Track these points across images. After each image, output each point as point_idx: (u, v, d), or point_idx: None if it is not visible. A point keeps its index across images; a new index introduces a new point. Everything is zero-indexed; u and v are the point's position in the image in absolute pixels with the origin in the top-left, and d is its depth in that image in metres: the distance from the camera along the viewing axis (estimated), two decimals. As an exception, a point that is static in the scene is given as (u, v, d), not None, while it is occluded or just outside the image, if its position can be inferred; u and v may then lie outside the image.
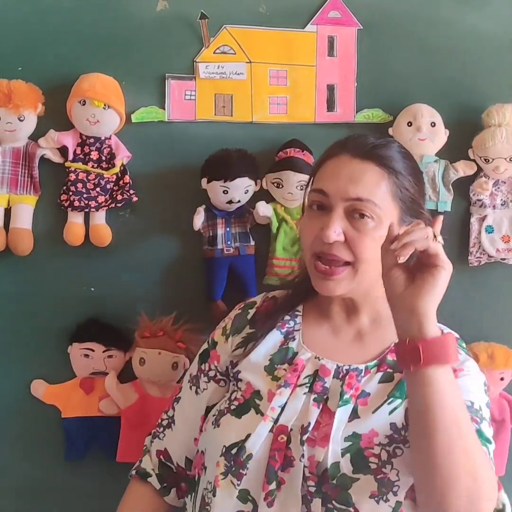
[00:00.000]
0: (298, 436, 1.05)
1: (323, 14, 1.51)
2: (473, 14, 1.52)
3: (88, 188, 1.48)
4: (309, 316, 1.19)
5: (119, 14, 1.50)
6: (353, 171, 1.08)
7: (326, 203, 1.09)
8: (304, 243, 1.13)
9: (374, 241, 1.05)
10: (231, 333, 1.20)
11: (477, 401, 1.08)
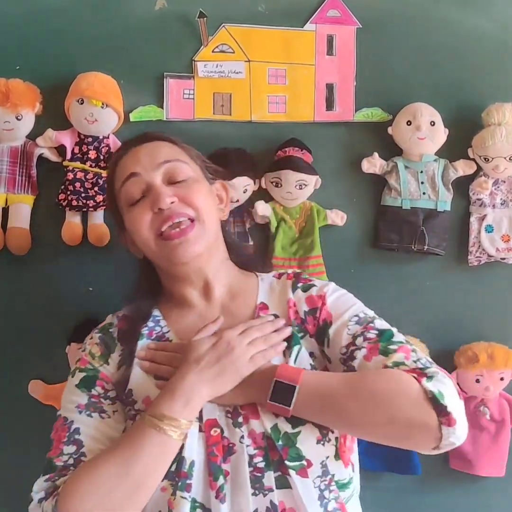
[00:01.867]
0: (229, 421, 1.05)
1: (322, 13, 1.50)
2: (473, 13, 1.52)
3: (86, 187, 1.47)
4: (170, 315, 1.20)
5: (118, 13, 1.50)
6: (148, 149, 1.17)
7: (143, 184, 1.14)
8: (141, 233, 1.13)
9: (202, 193, 1.16)
10: (106, 353, 1.15)
11: (358, 309, 1.15)
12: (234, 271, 1.23)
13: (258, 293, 1.19)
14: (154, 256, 1.16)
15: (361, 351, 1.06)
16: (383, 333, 1.08)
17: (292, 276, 1.21)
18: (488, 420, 1.49)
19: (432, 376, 1.00)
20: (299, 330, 1.13)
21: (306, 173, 1.47)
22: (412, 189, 1.50)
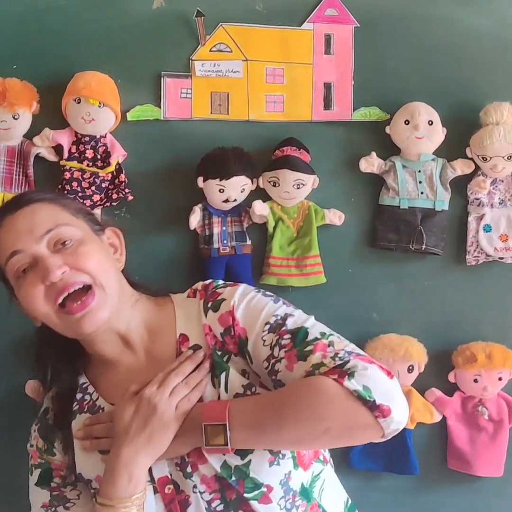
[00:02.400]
0: (180, 473, 1.04)
1: (319, 12, 1.50)
2: (471, 12, 1.52)
3: (83, 187, 1.47)
4: (98, 378, 1.15)
5: (115, 12, 1.49)
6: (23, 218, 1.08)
7: (28, 258, 1.05)
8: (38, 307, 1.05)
9: (93, 255, 1.07)
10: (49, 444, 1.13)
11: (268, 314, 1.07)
12: (148, 308, 1.16)
13: (176, 324, 1.13)
14: (58, 328, 1.09)
15: (281, 363, 1.02)
16: (296, 335, 1.03)
17: (203, 294, 1.13)
18: (486, 420, 1.49)
19: (353, 372, 0.96)
20: (223, 354, 1.08)
21: (304, 172, 1.47)
22: (410, 188, 1.50)
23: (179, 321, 1.13)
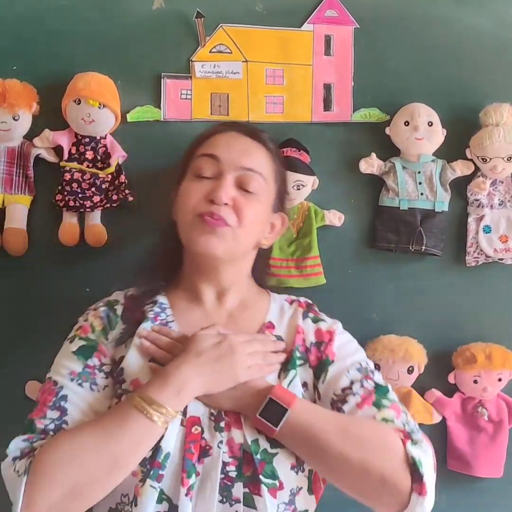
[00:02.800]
0: (212, 423, 1.05)
1: (319, 13, 1.50)
2: (471, 13, 1.52)
3: (83, 188, 1.47)
4: (178, 306, 1.20)
5: (115, 13, 1.49)
6: (244, 145, 1.18)
7: (217, 169, 1.15)
8: (187, 207, 1.14)
9: (256, 213, 1.15)
10: (108, 329, 1.15)
11: (361, 358, 1.17)
12: (251, 287, 1.25)
13: (268, 311, 1.21)
14: (183, 231, 1.17)
15: (355, 397, 1.08)
16: (380, 387, 1.10)
17: (304, 306, 1.23)
18: (486, 421, 1.49)
19: (416, 442, 1.02)
20: (300, 357, 1.14)
21: (304, 173, 1.47)
22: (410, 189, 1.50)
23: (271, 311, 1.21)
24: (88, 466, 0.98)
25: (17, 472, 0.99)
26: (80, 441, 0.99)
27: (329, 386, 1.11)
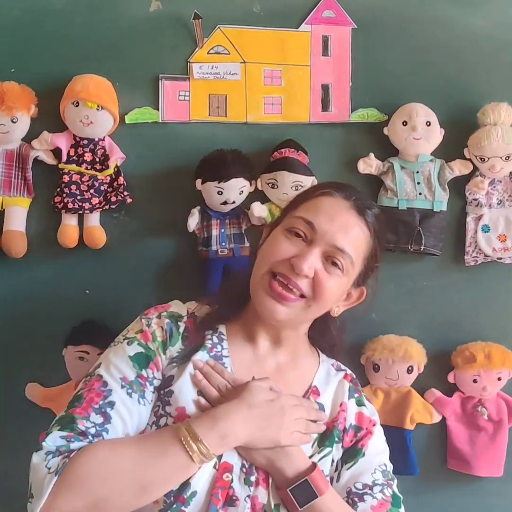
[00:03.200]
0: (242, 475, 1.06)
1: (317, 14, 1.50)
2: (468, 13, 1.52)
3: (82, 190, 1.47)
4: (234, 340, 1.19)
5: (112, 15, 1.49)
6: (347, 221, 1.13)
7: (310, 236, 1.12)
8: (266, 257, 1.13)
9: (336, 288, 1.13)
10: (168, 344, 1.14)
11: (387, 458, 1.20)
12: (304, 345, 1.25)
13: (315, 375, 1.21)
14: (254, 280, 1.15)
15: (372, 500, 1.11)
16: (396, 499, 1.14)
17: (350, 380, 1.24)
18: (485, 420, 1.49)
19: None
20: (337, 435, 1.16)
21: (302, 174, 1.47)
22: (408, 189, 1.50)
23: (319, 375, 1.22)
24: (119, 485, 0.98)
25: (48, 468, 0.97)
26: (118, 459, 0.99)
27: (352, 476, 1.13)
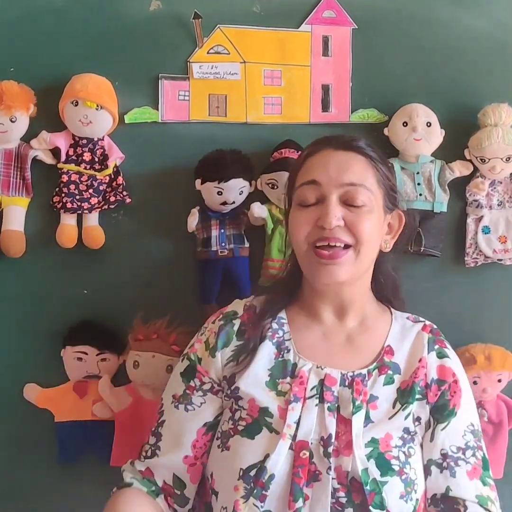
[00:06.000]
0: (321, 448, 1.06)
1: (317, 14, 1.50)
2: (469, 13, 1.52)
3: (81, 189, 1.46)
4: (296, 322, 1.19)
5: (112, 14, 1.49)
6: (340, 160, 1.14)
7: (320, 193, 1.13)
8: (298, 237, 1.14)
9: (371, 224, 1.13)
10: (218, 346, 1.16)
11: (474, 417, 1.18)
12: (371, 304, 1.23)
13: (388, 334, 1.19)
14: (300, 261, 1.16)
15: (466, 465, 1.11)
16: (485, 462, 1.14)
17: (429, 331, 1.21)
18: (485, 422, 1.48)
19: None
20: (419, 392, 1.14)
21: (302, 174, 1.46)
22: (409, 190, 1.49)
23: (392, 333, 1.20)
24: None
25: None
26: None
27: (446, 438, 1.12)
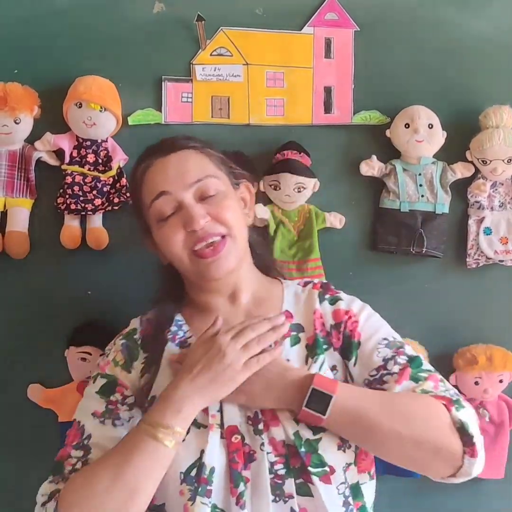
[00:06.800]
0: (250, 428, 1.06)
1: (320, 16, 1.51)
2: (470, 16, 1.52)
3: (85, 191, 1.47)
4: (194, 321, 1.19)
5: (116, 17, 1.50)
6: (177, 163, 1.14)
7: (174, 201, 1.12)
8: (174, 250, 1.12)
9: (232, 207, 1.15)
10: (129, 361, 1.15)
11: (387, 332, 1.15)
12: (259, 277, 1.23)
13: (283, 301, 1.19)
14: (186, 271, 1.16)
15: (392, 377, 1.07)
16: (414, 360, 1.10)
17: (319, 287, 1.21)
18: (487, 422, 1.49)
19: (460, 406, 1.02)
20: (324, 342, 1.13)
21: (305, 176, 1.47)
22: (411, 191, 1.50)
23: (286, 299, 1.20)
24: (107, 498, 0.98)
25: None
26: (94, 480, 1.00)
27: (362, 368, 1.11)
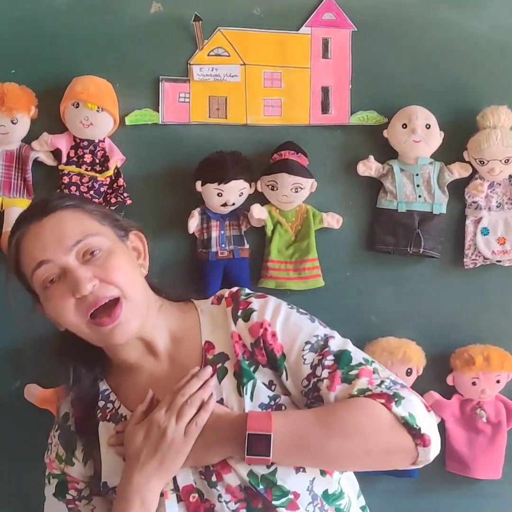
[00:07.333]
0: (204, 483, 1.04)
1: (317, 16, 1.50)
2: (468, 16, 1.52)
3: (82, 191, 1.47)
4: (120, 384, 1.14)
5: (113, 16, 1.49)
6: (51, 226, 1.06)
7: (55, 268, 1.04)
8: (68, 320, 1.05)
9: (120, 263, 1.06)
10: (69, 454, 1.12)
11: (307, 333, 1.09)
12: (172, 314, 1.15)
13: (201, 331, 1.12)
14: (88, 338, 1.08)
15: (323, 382, 1.04)
16: (340, 358, 1.06)
17: (230, 301, 1.13)
18: (484, 422, 1.49)
19: (399, 399, 1.00)
20: (250, 364, 1.08)
21: (302, 176, 1.47)
22: (408, 192, 1.50)
23: (204, 328, 1.13)
24: None
25: None
26: None
27: (294, 381, 1.07)
